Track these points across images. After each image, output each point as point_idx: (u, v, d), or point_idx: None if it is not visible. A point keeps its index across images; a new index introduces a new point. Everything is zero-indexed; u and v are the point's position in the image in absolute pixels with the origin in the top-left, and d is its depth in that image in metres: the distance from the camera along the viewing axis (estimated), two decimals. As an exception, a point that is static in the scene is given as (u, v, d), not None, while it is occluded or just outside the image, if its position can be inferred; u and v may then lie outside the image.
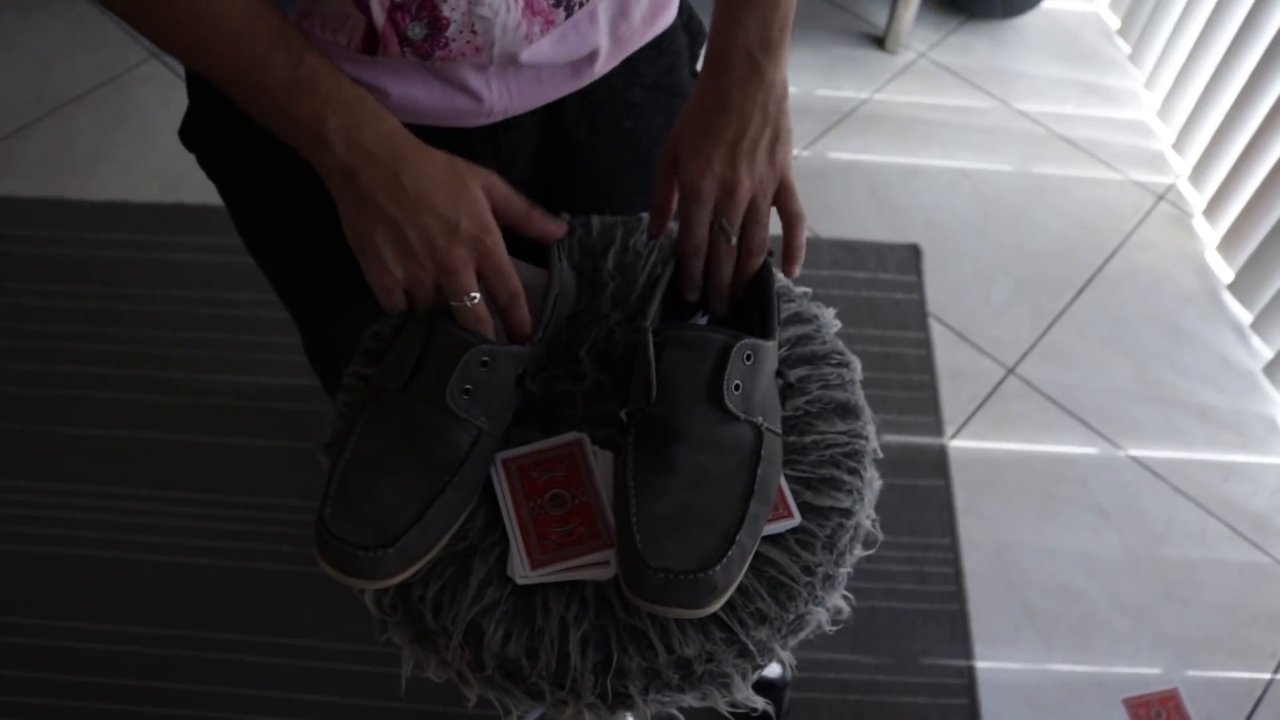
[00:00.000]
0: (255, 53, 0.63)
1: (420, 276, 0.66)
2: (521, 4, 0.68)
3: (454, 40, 0.68)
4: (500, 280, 0.68)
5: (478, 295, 0.67)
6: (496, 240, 0.67)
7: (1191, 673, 1.42)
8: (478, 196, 0.66)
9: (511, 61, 0.72)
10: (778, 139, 0.72)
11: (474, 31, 0.68)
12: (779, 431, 0.71)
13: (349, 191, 0.65)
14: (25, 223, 1.83)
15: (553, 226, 0.72)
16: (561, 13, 0.71)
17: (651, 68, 0.85)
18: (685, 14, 0.88)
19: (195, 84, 0.81)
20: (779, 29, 0.70)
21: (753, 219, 0.73)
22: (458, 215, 0.65)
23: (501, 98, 0.75)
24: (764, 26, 0.69)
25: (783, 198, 0.74)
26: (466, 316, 0.67)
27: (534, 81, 0.76)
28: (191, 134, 0.85)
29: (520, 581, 0.67)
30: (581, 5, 0.71)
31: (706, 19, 0.92)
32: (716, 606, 0.63)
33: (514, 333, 0.71)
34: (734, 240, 0.73)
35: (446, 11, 0.66)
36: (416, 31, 0.67)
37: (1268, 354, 1.75)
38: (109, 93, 2.05)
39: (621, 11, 0.77)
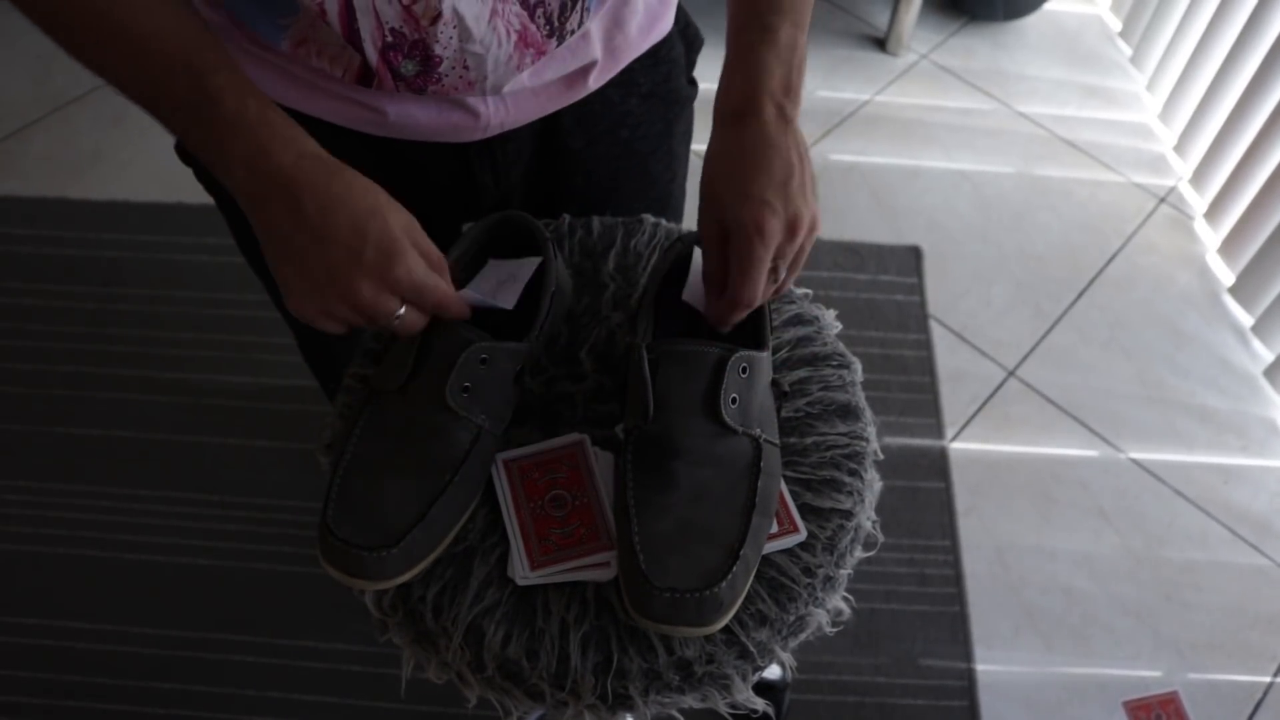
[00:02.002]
0: (157, 74, 0.59)
1: (333, 310, 0.61)
2: (515, 38, 0.68)
3: (446, 76, 0.68)
4: (421, 303, 0.63)
5: (401, 311, 0.62)
6: (407, 269, 0.61)
7: (1192, 675, 1.42)
8: (389, 224, 0.60)
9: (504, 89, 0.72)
10: (814, 181, 0.68)
11: (466, 67, 0.68)
12: (776, 442, 0.71)
13: (256, 220, 0.61)
14: (26, 223, 1.83)
15: (455, 306, 0.65)
16: (554, 42, 0.70)
17: (648, 77, 0.85)
18: (682, 21, 0.87)
19: None
20: (798, 73, 0.68)
21: (798, 259, 0.69)
22: (363, 242, 0.59)
23: (498, 113, 0.75)
24: (787, 72, 0.67)
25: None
26: (399, 330, 0.64)
27: (529, 96, 0.76)
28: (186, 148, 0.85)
29: (520, 582, 0.67)
30: (573, 33, 0.71)
31: (702, 24, 0.91)
32: (723, 623, 0.63)
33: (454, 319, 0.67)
34: (781, 278, 0.68)
35: (438, 50, 0.66)
36: (409, 69, 0.67)
37: (1268, 357, 1.75)
38: (109, 93, 2.04)
39: (616, 23, 0.77)
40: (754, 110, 0.66)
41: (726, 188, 0.66)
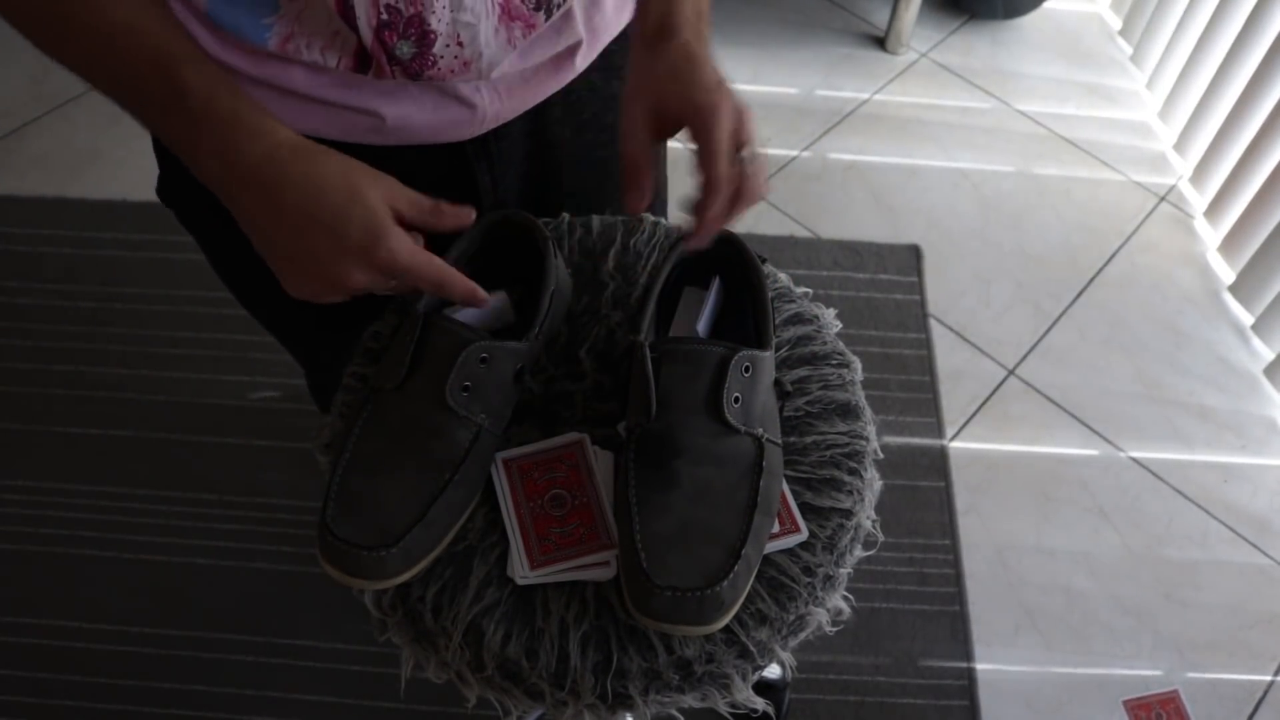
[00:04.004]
0: (126, 68, 0.59)
1: (325, 293, 0.63)
2: (497, 11, 0.67)
3: (441, 57, 0.67)
4: (415, 281, 0.63)
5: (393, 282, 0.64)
6: (392, 247, 0.61)
7: (1192, 674, 1.42)
8: (371, 206, 0.61)
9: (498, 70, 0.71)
10: None
11: (460, 44, 0.67)
12: (778, 441, 0.71)
13: (236, 214, 0.61)
14: (23, 222, 1.83)
15: (463, 214, 0.67)
16: (541, 16, 0.70)
17: (626, 59, 0.85)
18: None
19: (160, 146, 0.80)
20: (708, 6, 0.72)
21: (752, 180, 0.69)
22: (346, 226, 0.60)
23: (493, 103, 0.75)
24: (699, 3, 0.71)
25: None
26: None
27: (520, 83, 0.76)
28: (168, 192, 0.84)
29: (520, 582, 0.67)
30: (559, 6, 0.71)
31: None
32: (724, 622, 0.63)
33: (466, 303, 0.68)
34: (741, 170, 0.68)
35: (433, 24, 0.65)
36: (405, 50, 0.66)
37: (1268, 355, 1.75)
38: (109, 92, 2.05)
39: (594, 1, 0.77)
40: (675, 33, 0.69)
41: (670, 88, 0.68)
